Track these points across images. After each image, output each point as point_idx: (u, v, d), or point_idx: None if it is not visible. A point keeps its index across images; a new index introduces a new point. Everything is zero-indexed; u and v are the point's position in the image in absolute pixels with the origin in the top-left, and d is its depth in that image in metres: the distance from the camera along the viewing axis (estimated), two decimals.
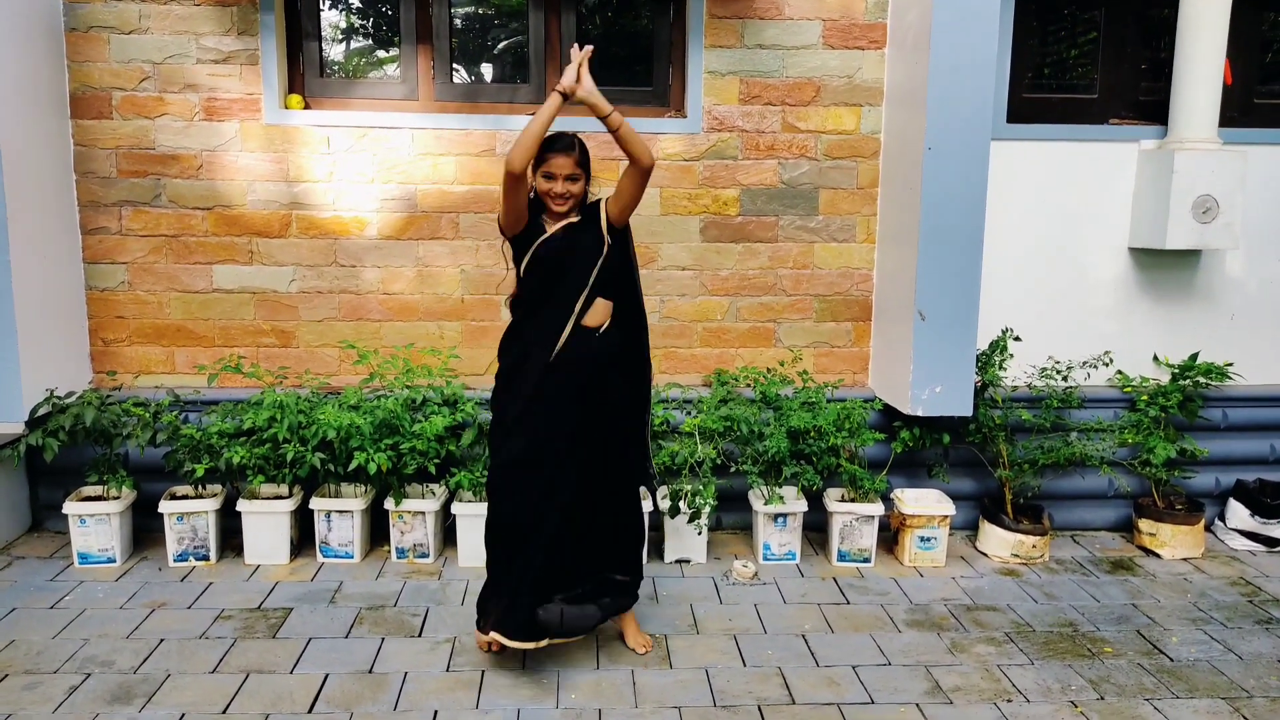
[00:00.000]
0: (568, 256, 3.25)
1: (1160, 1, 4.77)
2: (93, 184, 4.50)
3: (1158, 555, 4.51)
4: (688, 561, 4.34)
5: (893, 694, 3.25)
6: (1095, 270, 4.85)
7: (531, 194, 3.28)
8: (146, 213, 4.54)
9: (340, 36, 4.83)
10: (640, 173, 3.19)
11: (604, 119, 3.14)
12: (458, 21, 4.76)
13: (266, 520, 4.21)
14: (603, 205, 3.31)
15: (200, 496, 4.24)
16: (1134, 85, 4.88)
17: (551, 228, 3.27)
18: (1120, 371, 4.83)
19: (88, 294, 4.58)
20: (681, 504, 4.17)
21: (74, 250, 4.51)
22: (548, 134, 3.18)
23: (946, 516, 4.34)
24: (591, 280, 3.25)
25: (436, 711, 3.10)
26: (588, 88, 3.13)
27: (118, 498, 4.21)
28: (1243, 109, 4.87)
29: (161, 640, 3.53)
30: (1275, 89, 4.95)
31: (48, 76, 4.31)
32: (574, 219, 3.30)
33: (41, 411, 4.14)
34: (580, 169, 3.24)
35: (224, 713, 3.07)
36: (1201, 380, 4.65)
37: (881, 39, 4.61)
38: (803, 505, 4.35)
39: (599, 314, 3.31)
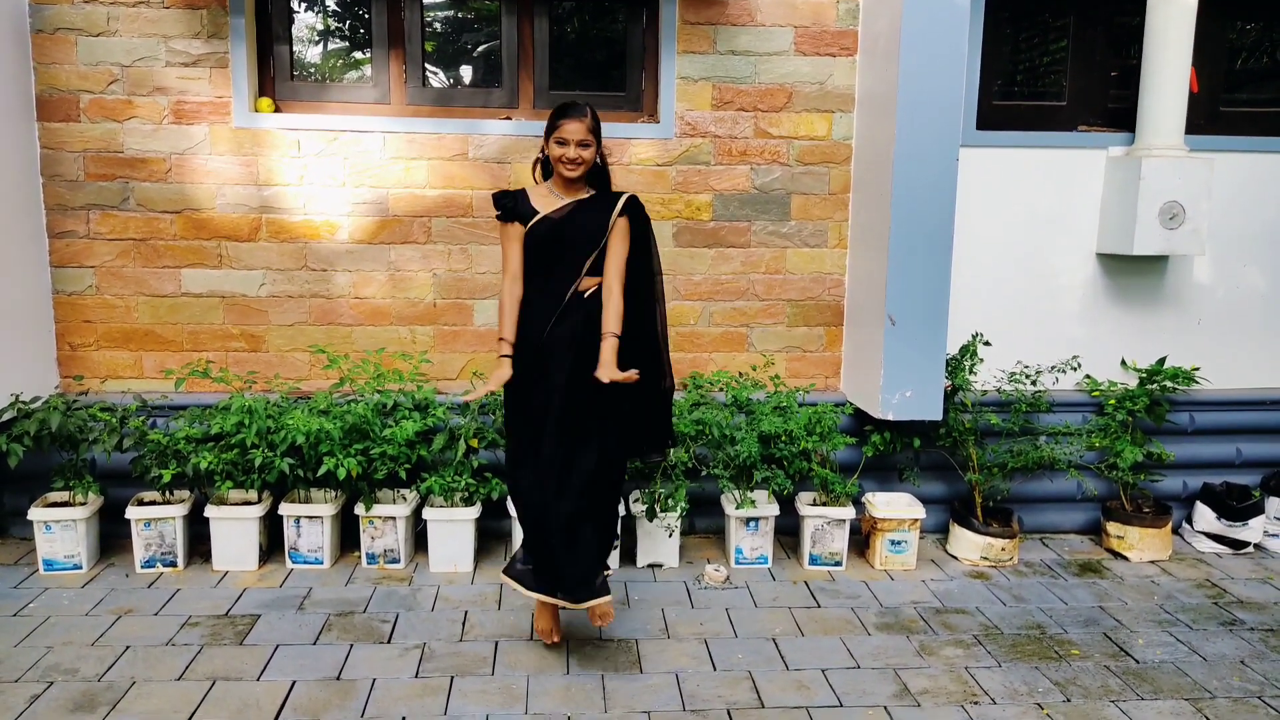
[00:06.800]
0: (569, 234, 3.32)
1: (1129, 10, 4.82)
2: (60, 187, 4.46)
3: (1125, 558, 4.55)
4: (660, 566, 4.34)
5: (861, 697, 3.26)
6: (1064, 275, 4.90)
7: (541, 157, 3.41)
8: (114, 216, 4.50)
9: (312, 40, 4.80)
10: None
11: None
12: (431, 25, 4.75)
13: (235, 526, 4.18)
14: (622, 203, 3.35)
15: (168, 502, 4.20)
16: (1102, 93, 4.93)
17: (556, 204, 3.34)
18: (1088, 376, 4.88)
19: (55, 298, 4.53)
20: (658, 508, 4.17)
21: (41, 254, 4.46)
22: (561, 103, 3.35)
23: (917, 520, 4.36)
24: (589, 263, 3.32)
25: (404, 718, 3.08)
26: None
27: (84, 503, 4.17)
28: (1209, 117, 4.94)
29: (127, 647, 3.49)
30: (1240, 97, 5.02)
31: (14, 79, 4.26)
32: (584, 195, 3.39)
33: (6, 416, 4.09)
34: (592, 135, 3.29)
35: None
36: (1169, 384, 4.70)
37: (853, 46, 4.63)
38: (774, 509, 4.36)
39: (590, 284, 3.38)
